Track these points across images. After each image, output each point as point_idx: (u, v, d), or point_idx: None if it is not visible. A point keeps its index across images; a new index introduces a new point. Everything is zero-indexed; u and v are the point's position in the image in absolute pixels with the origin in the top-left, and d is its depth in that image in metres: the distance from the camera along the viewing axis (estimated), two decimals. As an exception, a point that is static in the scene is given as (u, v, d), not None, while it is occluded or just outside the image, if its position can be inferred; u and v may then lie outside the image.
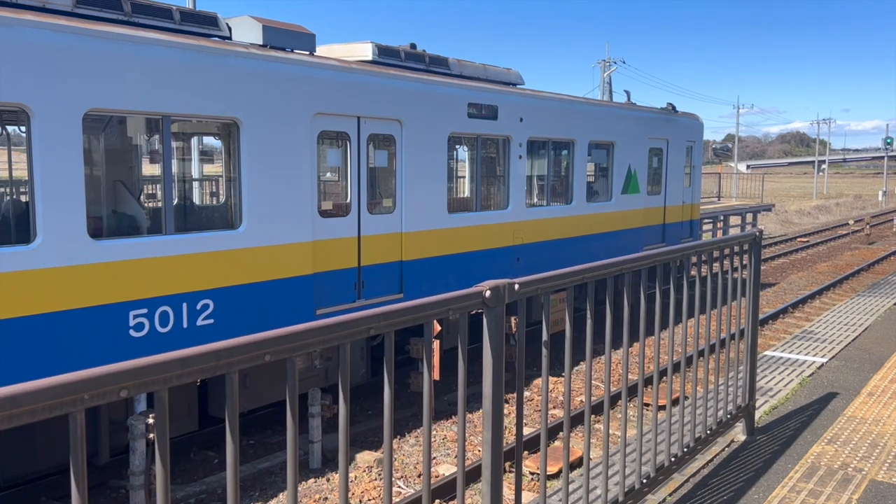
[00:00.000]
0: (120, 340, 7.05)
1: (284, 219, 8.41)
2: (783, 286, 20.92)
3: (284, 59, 8.50)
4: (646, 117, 15.81)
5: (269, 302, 8.33)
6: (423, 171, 10.19)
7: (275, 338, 2.19)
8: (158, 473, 2.03)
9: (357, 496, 7.82)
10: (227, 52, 7.89)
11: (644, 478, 4.63)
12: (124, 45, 7.01)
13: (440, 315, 2.90)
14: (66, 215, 6.62)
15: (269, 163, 8.24)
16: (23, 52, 6.29)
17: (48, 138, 6.49)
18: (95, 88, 6.78)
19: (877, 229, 36.51)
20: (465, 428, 3.27)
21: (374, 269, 9.59)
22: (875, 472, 5.42)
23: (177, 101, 7.39)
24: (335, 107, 8.95)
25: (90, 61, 6.74)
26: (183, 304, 7.51)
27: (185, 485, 8.11)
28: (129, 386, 1.86)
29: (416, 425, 9.83)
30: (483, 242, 11.41)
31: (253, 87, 8.03)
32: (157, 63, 7.23)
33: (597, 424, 9.24)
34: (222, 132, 8.48)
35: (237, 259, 7.97)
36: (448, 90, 10.66)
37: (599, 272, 3.97)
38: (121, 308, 7.03)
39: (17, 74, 6.25)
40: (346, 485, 2.63)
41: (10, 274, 6.28)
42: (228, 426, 2.17)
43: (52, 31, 6.51)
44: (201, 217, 9.15)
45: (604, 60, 47.32)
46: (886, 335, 10.08)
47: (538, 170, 13.18)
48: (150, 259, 7.26)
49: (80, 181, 6.74)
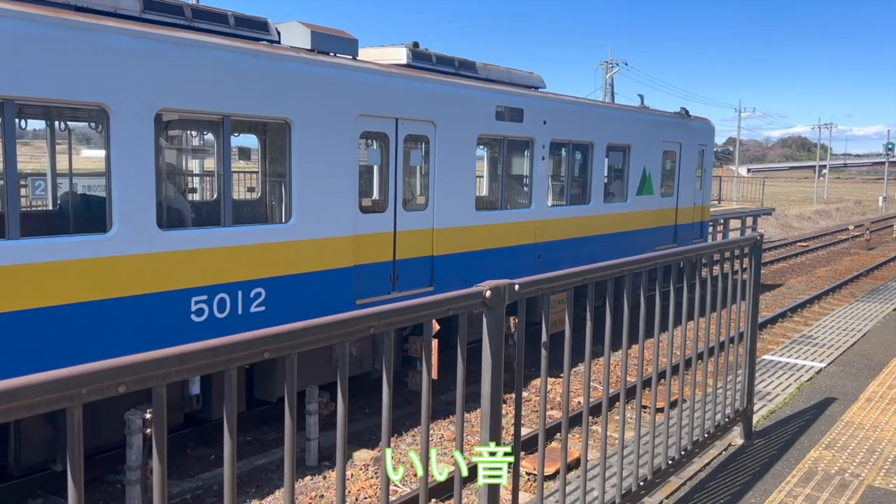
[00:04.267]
0: (183, 325, 7.48)
1: (329, 214, 8.87)
2: (782, 290, 20.92)
3: (332, 63, 9.03)
4: (660, 121, 16.21)
5: (314, 292, 8.76)
6: (453, 170, 10.59)
7: (273, 335, 2.18)
8: (155, 469, 2.02)
9: (353, 494, 7.81)
10: (281, 57, 8.40)
11: (641, 480, 4.63)
12: (192, 49, 7.47)
13: (440, 315, 2.90)
14: (139, 207, 7.07)
15: (317, 161, 8.66)
16: (103, 55, 6.74)
17: (124, 135, 6.93)
18: (166, 89, 7.22)
19: (877, 235, 36.51)
20: (462, 427, 3.27)
21: (407, 262, 10.00)
22: (872, 477, 5.41)
23: (236, 102, 7.85)
24: (376, 108, 9.41)
25: (162, 64, 7.18)
26: (238, 291, 7.97)
27: (181, 480, 8.10)
28: (127, 381, 1.85)
29: (413, 424, 9.82)
30: (507, 240, 11.79)
31: (304, 89, 8.47)
32: (220, 66, 7.69)
33: (595, 426, 9.24)
34: (276, 131, 8.87)
35: (287, 251, 8.42)
36: (478, 93, 11.14)
37: (600, 274, 3.97)
38: (184, 294, 7.49)
39: (98, 76, 6.70)
40: (342, 483, 2.63)
41: (89, 261, 6.75)
42: (227, 423, 2.16)
43: (129, 37, 6.99)
44: (255, 211, 9.51)
45: (606, 62, 47.31)
46: (885, 341, 10.07)
47: (559, 170, 13.53)
48: (210, 249, 7.71)
49: (151, 176, 7.19)
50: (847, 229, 39.24)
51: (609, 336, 4.17)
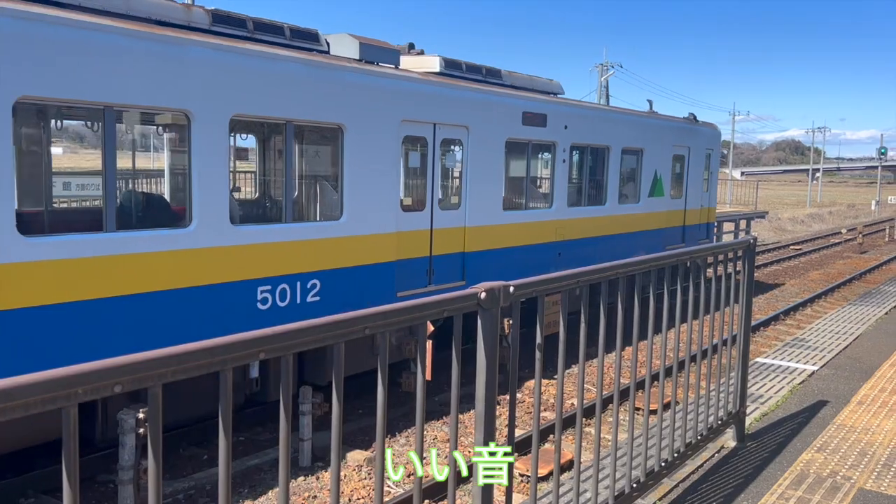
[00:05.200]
0: (249, 312, 8.13)
1: (375, 212, 9.58)
2: (775, 293, 20.98)
3: (380, 72, 9.73)
4: (671, 126, 16.92)
5: (361, 284, 9.43)
6: (484, 172, 11.31)
7: (269, 336, 2.19)
8: (150, 470, 2.02)
9: (346, 495, 7.81)
10: (337, 67, 9.08)
11: (634, 482, 4.64)
12: (262, 61, 8.14)
13: (435, 316, 2.90)
14: (214, 204, 7.70)
15: (365, 163, 9.36)
16: (188, 66, 7.43)
17: (203, 139, 7.57)
18: (240, 97, 7.89)
19: (869, 238, 36.65)
20: (457, 429, 3.27)
21: (442, 258, 10.71)
22: (864, 480, 5.44)
23: (298, 108, 8.54)
24: (417, 114, 10.13)
25: (236, 74, 7.86)
26: (297, 282, 8.63)
27: (173, 480, 8.09)
28: (123, 381, 1.85)
29: (407, 425, 9.82)
30: (530, 238, 12.48)
31: (355, 96, 9.16)
32: (285, 76, 8.35)
33: (588, 427, 9.25)
34: (330, 135, 9.59)
35: (338, 246, 9.12)
36: (507, 100, 11.84)
37: (594, 276, 3.98)
38: (252, 284, 8.15)
39: (182, 84, 7.36)
40: (337, 484, 2.63)
41: (172, 252, 7.41)
42: (222, 423, 2.16)
43: (210, 49, 7.67)
44: (311, 208, 10.15)
45: (601, 64, 47.40)
46: (877, 345, 10.12)
47: (577, 173, 14.12)
48: (274, 243, 8.37)
49: (225, 176, 7.82)
50: (840, 233, 39.37)
51: (603, 338, 4.18)
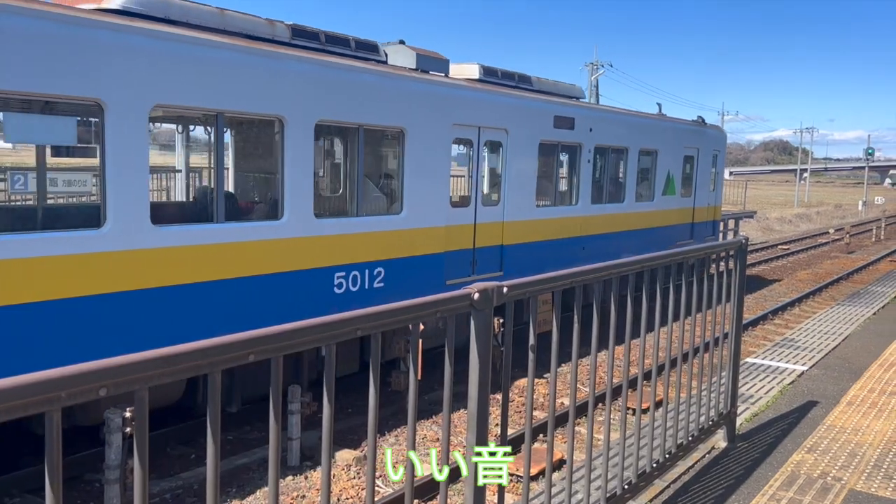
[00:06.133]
0: (328, 296, 9.06)
1: (430, 207, 10.54)
2: (764, 293, 21.05)
3: (435, 80, 10.77)
4: (682, 128, 17.97)
5: (417, 273, 10.31)
6: (520, 171, 12.22)
7: (259, 337, 2.14)
8: (137, 474, 1.97)
9: (335, 494, 7.76)
10: (400, 76, 10.06)
11: (626, 483, 4.62)
12: (341, 71, 9.15)
13: (428, 317, 2.86)
14: (301, 199, 8.65)
15: (422, 162, 10.32)
16: (281, 76, 8.36)
17: (294, 142, 8.48)
18: (324, 104, 8.83)
19: (856, 238, 36.86)
20: (449, 430, 3.23)
21: (484, 250, 11.63)
22: (854, 481, 5.44)
23: (369, 114, 9.46)
24: (465, 118, 11.06)
25: (322, 83, 8.82)
26: (366, 270, 9.59)
27: (160, 480, 8.01)
28: (108, 384, 1.80)
29: (396, 424, 9.78)
30: (559, 232, 13.42)
31: (415, 102, 10.13)
32: (360, 84, 9.33)
33: (580, 427, 9.23)
34: (392, 138, 10.57)
35: (399, 238, 10.08)
36: (541, 105, 12.83)
37: (587, 277, 3.95)
38: (330, 271, 9.11)
39: (277, 93, 8.30)
40: (327, 486, 2.58)
41: (266, 241, 8.35)
42: (210, 426, 2.11)
43: (302, 62, 8.64)
44: (376, 204, 10.99)
45: (591, 63, 47.43)
46: (865, 345, 10.15)
47: (599, 172, 14.89)
48: (348, 234, 9.34)
49: (310, 175, 8.77)
50: (828, 233, 39.57)
51: (596, 337, 4.15)
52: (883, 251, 31.83)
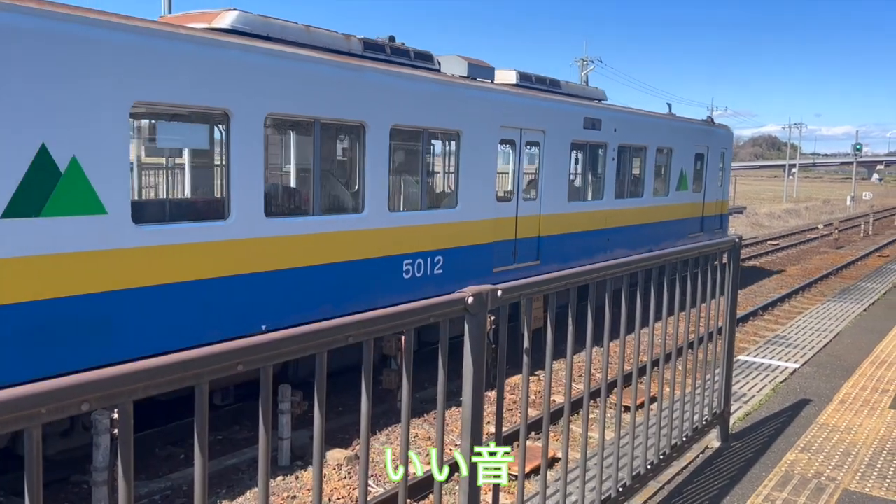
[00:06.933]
0: (398, 280, 10.23)
1: (480, 201, 11.65)
2: (753, 289, 21.09)
3: (486, 87, 12.04)
4: (693, 128, 19.26)
5: (470, 261, 11.45)
6: (555, 168, 13.35)
7: (249, 347, 2.07)
8: (121, 490, 1.91)
9: (326, 494, 7.70)
10: (457, 84, 11.32)
11: (620, 486, 4.58)
12: (412, 81, 10.39)
13: (421, 322, 2.80)
14: (379, 195, 9.82)
15: (474, 161, 11.43)
16: (364, 87, 9.55)
17: (373, 144, 9.63)
18: (398, 111, 10.00)
19: (845, 234, 37.01)
20: (443, 432, 3.17)
21: (524, 241, 12.75)
22: (848, 481, 5.42)
23: (432, 118, 10.67)
24: (510, 121, 12.19)
25: (395, 92, 10.02)
26: (428, 258, 10.74)
27: (149, 481, 7.93)
28: (90, 399, 1.73)
29: (388, 423, 9.72)
30: (587, 225, 14.51)
31: (469, 107, 11.30)
32: (425, 93, 10.57)
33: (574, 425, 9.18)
34: (449, 139, 11.92)
35: (455, 229, 11.21)
36: (573, 107, 13.97)
37: (582, 279, 3.90)
38: (400, 258, 10.27)
39: (360, 101, 9.50)
40: (319, 488, 2.52)
41: (351, 232, 9.53)
42: (197, 440, 2.05)
43: (375, 73, 9.76)
44: (436, 199, 12.27)
45: (581, 59, 47.40)
46: (857, 342, 10.16)
47: (622, 169, 15.94)
48: (414, 226, 10.52)
49: (386, 173, 9.84)
50: (816, 228, 39.73)
51: (591, 336, 4.10)
52: (871, 246, 31.98)
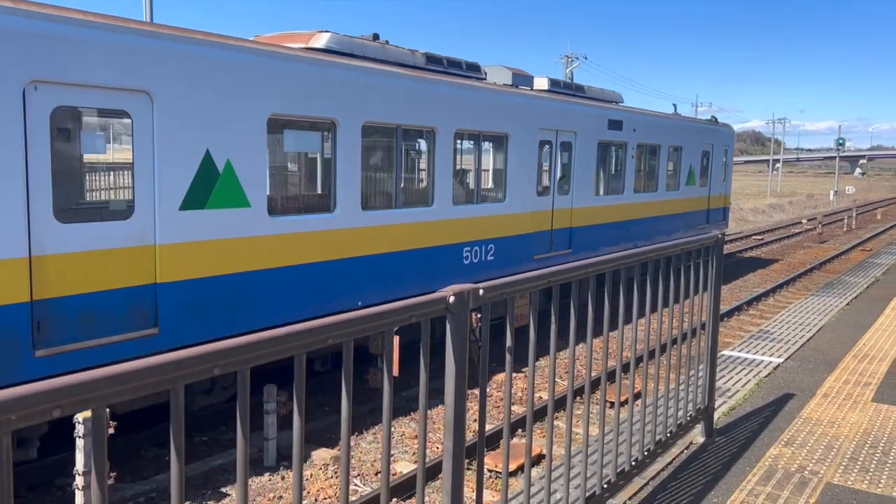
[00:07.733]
0: (459, 265, 11.72)
1: (523, 196, 13.07)
2: (738, 283, 21.21)
3: (528, 94, 13.44)
4: (700, 127, 20.88)
5: (514, 248, 12.95)
6: (584, 165, 14.84)
7: (226, 350, 2.05)
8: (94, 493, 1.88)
9: (312, 494, 7.67)
10: (506, 92, 12.79)
11: (605, 483, 4.58)
12: (472, 91, 11.80)
13: (403, 323, 2.78)
14: (444, 190, 11.28)
15: (519, 159, 12.89)
16: (436, 97, 11.07)
17: (441, 147, 11.10)
18: (461, 116, 11.50)
19: (828, 228, 37.28)
20: (425, 431, 3.16)
21: (558, 231, 14.21)
22: (831, 475, 5.45)
23: (488, 122, 12.10)
24: (547, 123, 13.65)
25: (460, 101, 11.46)
26: (482, 246, 12.23)
27: (134, 483, 7.87)
28: (63, 404, 1.70)
29: (374, 422, 9.70)
30: (611, 217, 15.99)
31: (515, 112, 12.73)
32: (483, 100, 11.99)
33: (558, 422, 9.20)
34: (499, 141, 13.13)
35: (503, 220, 12.69)
36: (599, 110, 15.35)
37: (564, 276, 3.89)
38: (461, 246, 11.78)
39: (431, 108, 10.92)
40: (299, 491, 2.50)
41: (421, 223, 10.93)
42: (173, 443, 2.02)
43: (445, 85, 11.22)
44: (488, 193, 13.34)
45: (566, 56, 47.46)
46: (839, 336, 10.23)
47: (640, 166, 17.33)
48: (472, 218, 11.96)
49: (450, 171, 11.34)
50: (800, 223, 40.01)
51: (574, 332, 4.10)
52: (855, 240, 32.22)
